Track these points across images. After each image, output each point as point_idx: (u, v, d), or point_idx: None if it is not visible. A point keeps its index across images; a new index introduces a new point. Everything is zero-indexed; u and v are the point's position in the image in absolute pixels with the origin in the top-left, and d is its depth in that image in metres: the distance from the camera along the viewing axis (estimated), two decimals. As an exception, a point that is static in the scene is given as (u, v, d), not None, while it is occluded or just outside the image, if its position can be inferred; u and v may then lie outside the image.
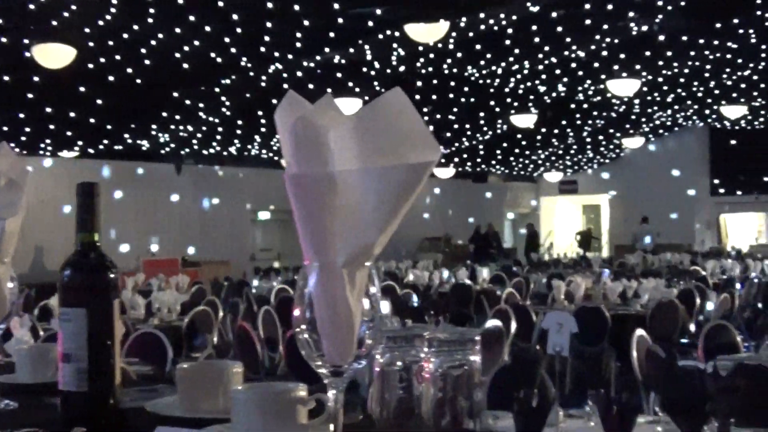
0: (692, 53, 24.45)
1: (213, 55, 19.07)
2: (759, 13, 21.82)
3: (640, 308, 14.65)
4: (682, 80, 27.73)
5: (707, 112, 33.85)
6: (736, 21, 22.46)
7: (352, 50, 19.87)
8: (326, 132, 1.61)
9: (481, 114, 27.89)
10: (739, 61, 25.69)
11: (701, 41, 23.58)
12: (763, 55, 25.41)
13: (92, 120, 22.48)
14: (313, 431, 2.07)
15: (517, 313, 11.81)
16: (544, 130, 30.26)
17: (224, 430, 2.16)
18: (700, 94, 30.43)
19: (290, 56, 19.45)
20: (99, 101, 20.96)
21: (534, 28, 20.58)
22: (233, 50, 18.78)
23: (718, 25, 22.70)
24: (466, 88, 25.22)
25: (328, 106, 1.67)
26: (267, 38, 18.08)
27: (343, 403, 1.77)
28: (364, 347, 1.73)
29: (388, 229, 1.64)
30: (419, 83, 23.81)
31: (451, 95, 25.47)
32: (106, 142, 25.94)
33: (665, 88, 28.17)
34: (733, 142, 37.48)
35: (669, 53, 23.94)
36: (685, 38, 23.22)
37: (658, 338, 12.62)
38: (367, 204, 1.60)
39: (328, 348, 1.67)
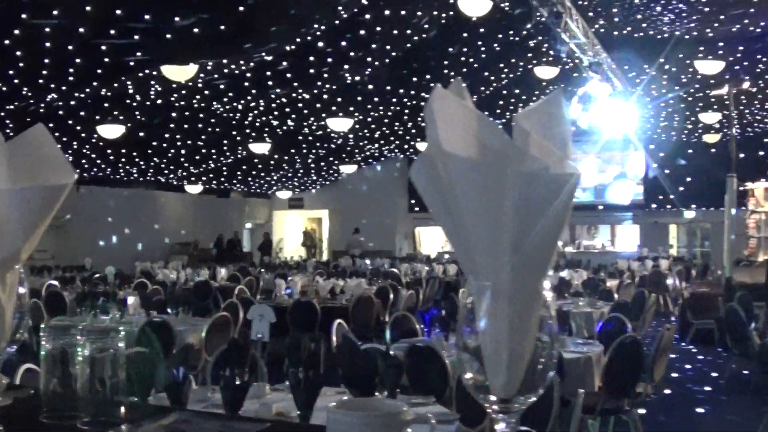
0: (394, 99, 25.00)
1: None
2: (446, 72, 22.57)
3: (345, 302, 14.86)
4: (386, 120, 28.30)
5: (406, 146, 34.64)
6: (428, 76, 23.14)
7: (116, 84, 19.53)
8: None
9: (225, 141, 27.75)
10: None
11: (401, 90, 24.19)
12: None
13: None
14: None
15: (245, 305, 11.81)
16: (276, 156, 30.33)
17: None
18: (400, 132, 31.12)
19: (64, 87, 18.97)
20: None
21: (268, 73, 20.69)
22: (16, 81, 18.21)
23: (414, 79, 23.34)
24: (212, 120, 25.07)
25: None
26: (45, 72, 17.61)
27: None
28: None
29: (32, 238, 1.55)
30: (174, 114, 23.58)
31: (200, 125, 25.27)
32: None
33: (373, 126, 28.65)
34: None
35: (376, 98, 24.40)
36: (389, 87, 23.76)
37: (359, 326, 12.84)
38: (12, 217, 1.51)
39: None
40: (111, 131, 21.12)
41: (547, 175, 1.10)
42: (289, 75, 21.08)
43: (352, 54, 20.45)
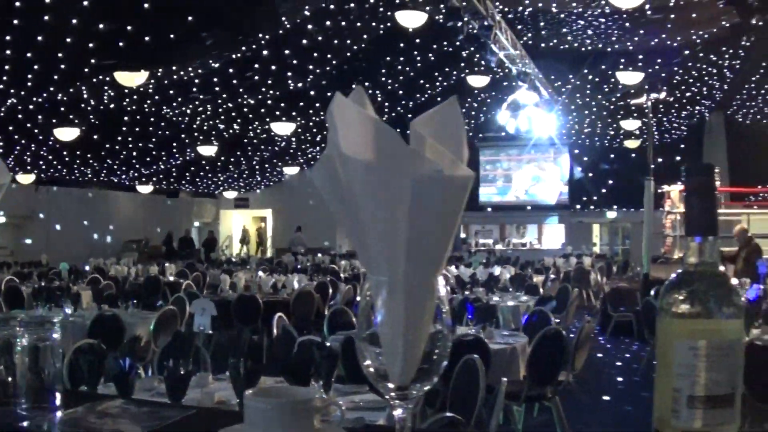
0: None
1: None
2: (383, 79, 22.62)
3: (286, 296, 14.83)
4: (327, 124, 28.18)
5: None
6: (367, 83, 23.19)
7: (72, 90, 19.36)
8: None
9: (174, 144, 27.57)
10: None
11: (341, 96, 24.19)
12: (386, 109, 26.26)
13: None
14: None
15: (191, 299, 11.75)
16: (223, 158, 30.19)
17: None
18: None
19: (23, 93, 18.76)
20: None
21: (215, 79, 20.61)
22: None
23: (354, 86, 23.27)
24: (162, 123, 24.91)
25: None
26: (5, 78, 17.41)
27: None
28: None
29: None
30: (126, 118, 23.41)
31: (150, 128, 25.11)
32: None
33: (314, 130, 28.62)
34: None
35: (317, 104, 24.38)
36: (329, 93, 23.71)
37: (299, 319, 12.81)
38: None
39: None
40: (67, 134, 20.97)
41: (441, 177, 1.10)
42: (235, 81, 21.02)
43: (295, 62, 20.45)
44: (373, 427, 1.24)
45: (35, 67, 17.07)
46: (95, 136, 24.20)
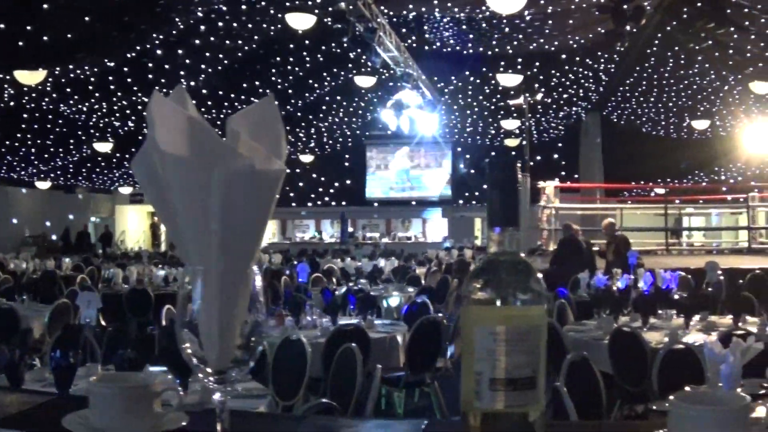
0: (226, 103, 24.88)
1: None
2: (274, 79, 22.56)
3: (177, 289, 14.65)
4: (219, 123, 27.83)
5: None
6: (257, 83, 23.14)
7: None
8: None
9: (71, 140, 27.14)
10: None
11: (232, 95, 24.11)
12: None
13: None
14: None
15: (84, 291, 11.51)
16: (118, 154, 29.73)
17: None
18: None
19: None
20: None
21: (111, 78, 20.35)
22: None
23: (245, 85, 23.33)
24: (60, 120, 24.53)
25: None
26: None
27: None
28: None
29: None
30: (25, 115, 22.99)
31: (49, 125, 24.70)
32: None
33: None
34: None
35: (209, 102, 24.23)
36: (221, 92, 23.66)
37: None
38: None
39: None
40: (-34, 131, 20.54)
41: (252, 171, 1.12)
42: (129, 80, 20.75)
43: (188, 61, 20.29)
44: (210, 409, 1.25)
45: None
46: (-5, 133, 23.79)
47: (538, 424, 1.25)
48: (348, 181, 37.67)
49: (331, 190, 38.41)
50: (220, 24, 18.80)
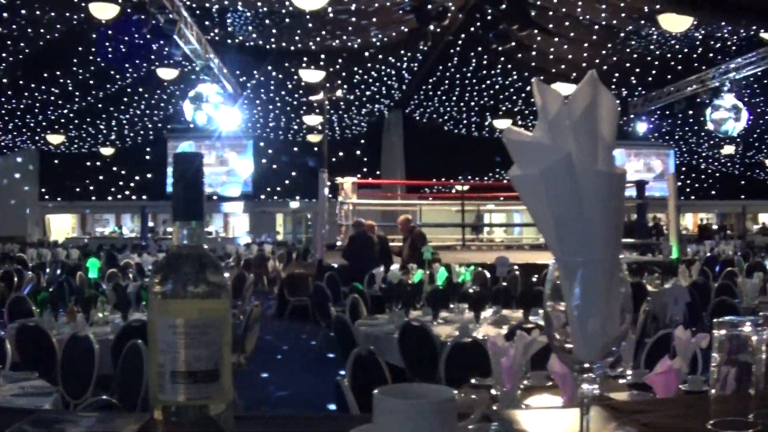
0: (26, 93, 24.05)
1: None
2: (75, 69, 21.93)
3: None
4: (18, 113, 27.14)
5: (37, 138, 33.07)
6: (58, 72, 22.45)
7: None
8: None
9: None
10: (60, 101, 25.67)
11: (33, 84, 23.37)
12: (77, 99, 25.52)
13: None
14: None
15: None
16: None
17: None
18: (32, 124, 29.80)
19: None
20: None
21: None
22: None
23: (46, 75, 22.59)
24: None
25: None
26: None
27: None
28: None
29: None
30: None
31: None
32: None
33: (6, 117, 27.47)
34: (56, 161, 36.94)
35: (9, 92, 23.43)
36: (22, 82, 22.90)
37: None
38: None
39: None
40: None
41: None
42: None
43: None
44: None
45: None
46: None
47: (222, 418, 1.27)
48: (149, 175, 36.89)
49: (132, 184, 37.61)
50: (23, 12, 18.16)
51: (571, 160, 1.15)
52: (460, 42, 22.88)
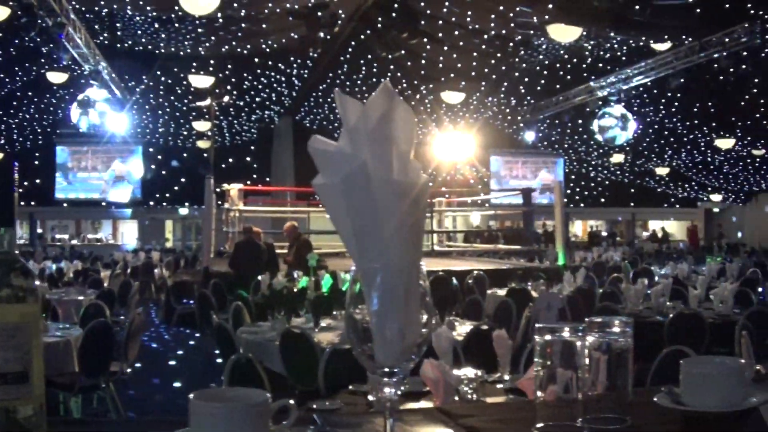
0: None
1: None
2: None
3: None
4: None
5: None
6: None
7: None
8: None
9: None
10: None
11: None
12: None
13: None
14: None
15: None
16: None
17: None
18: None
19: None
20: None
21: None
22: None
23: None
24: None
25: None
26: None
27: None
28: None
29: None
30: None
31: None
32: None
33: None
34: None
35: None
36: None
37: None
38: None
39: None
40: None
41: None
42: None
43: None
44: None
45: None
46: None
47: (33, 421, 1.30)
48: (37, 181, 36.07)
49: (20, 190, 36.69)
50: None
51: (367, 168, 1.20)
52: (350, 49, 22.95)
